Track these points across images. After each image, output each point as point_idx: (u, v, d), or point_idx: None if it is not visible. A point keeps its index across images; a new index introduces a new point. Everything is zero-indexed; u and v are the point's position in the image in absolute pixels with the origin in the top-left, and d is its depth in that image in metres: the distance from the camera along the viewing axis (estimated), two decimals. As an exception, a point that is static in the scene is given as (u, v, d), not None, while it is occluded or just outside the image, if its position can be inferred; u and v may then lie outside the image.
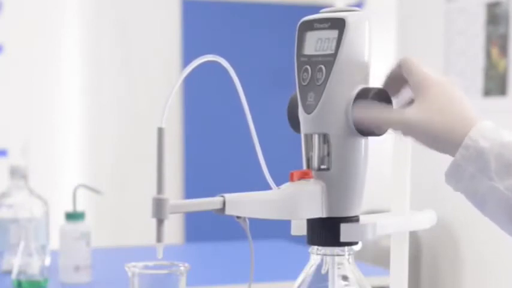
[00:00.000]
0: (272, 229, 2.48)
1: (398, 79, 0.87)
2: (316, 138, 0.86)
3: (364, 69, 0.85)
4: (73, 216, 1.88)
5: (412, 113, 0.83)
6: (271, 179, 0.84)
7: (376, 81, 0.93)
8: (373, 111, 0.83)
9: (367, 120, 0.83)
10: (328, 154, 0.85)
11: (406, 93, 0.88)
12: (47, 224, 2.02)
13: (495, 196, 0.79)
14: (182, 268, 0.97)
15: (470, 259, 3.60)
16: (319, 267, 0.87)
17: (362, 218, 0.86)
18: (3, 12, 3.93)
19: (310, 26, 0.87)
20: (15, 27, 3.95)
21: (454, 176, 0.82)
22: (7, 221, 1.99)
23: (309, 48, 0.86)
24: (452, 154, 0.82)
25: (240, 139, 4.17)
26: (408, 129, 0.83)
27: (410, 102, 0.86)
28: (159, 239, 0.76)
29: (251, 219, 0.81)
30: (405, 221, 0.94)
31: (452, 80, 0.85)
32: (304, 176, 0.85)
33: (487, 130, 0.80)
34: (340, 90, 0.84)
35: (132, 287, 0.95)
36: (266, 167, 0.83)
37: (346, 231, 0.85)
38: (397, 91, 0.88)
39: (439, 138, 0.82)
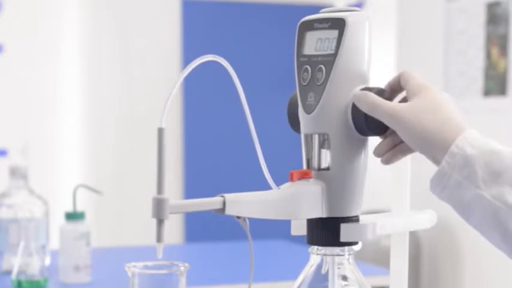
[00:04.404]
0: (272, 229, 2.49)
1: (396, 89, 0.88)
2: (316, 138, 0.86)
3: (364, 69, 0.85)
4: (73, 216, 1.88)
5: (404, 107, 0.83)
6: (271, 179, 0.84)
7: (376, 81, 0.93)
8: (369, 95, 0.83)
9: (362, 102, 0.83)
10: (328, 154, 0.85)
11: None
12: (47, 224, 2.02)
13: (481, 204, 0.79)
14: (182, 268, 0.97)
15: (470, 259, 3.60)
16: (319, 267, 0.87)
17: (362, 218, 0.86)
18: (3, 12, 3.93)
19: (310, 26, 0.87)
20: (15, 27, 3.95)
21: (439, 184, 0.82)
22: (7, 221, 1.99)
23: (309, 48, 0.86)
24: (437, 159, 0.81)
25: (240, 139, 4.17)
26: (397, 122, 0.82)
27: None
28: (159, 239, 0.76)
29: (251, 219, 0.81)
30: (405, 221, 0.94)
31: (446, 95, 0.85)
32: (304, 176, 0.85)
33: (473, 138, 0.80)
34: (340, 90, 0.84)
35: (132, 287, 0.95)
36: (266, 167, 0.83)
37: (346, 231, 0.85)
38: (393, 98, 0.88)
39: (427, 138, 0.81)
